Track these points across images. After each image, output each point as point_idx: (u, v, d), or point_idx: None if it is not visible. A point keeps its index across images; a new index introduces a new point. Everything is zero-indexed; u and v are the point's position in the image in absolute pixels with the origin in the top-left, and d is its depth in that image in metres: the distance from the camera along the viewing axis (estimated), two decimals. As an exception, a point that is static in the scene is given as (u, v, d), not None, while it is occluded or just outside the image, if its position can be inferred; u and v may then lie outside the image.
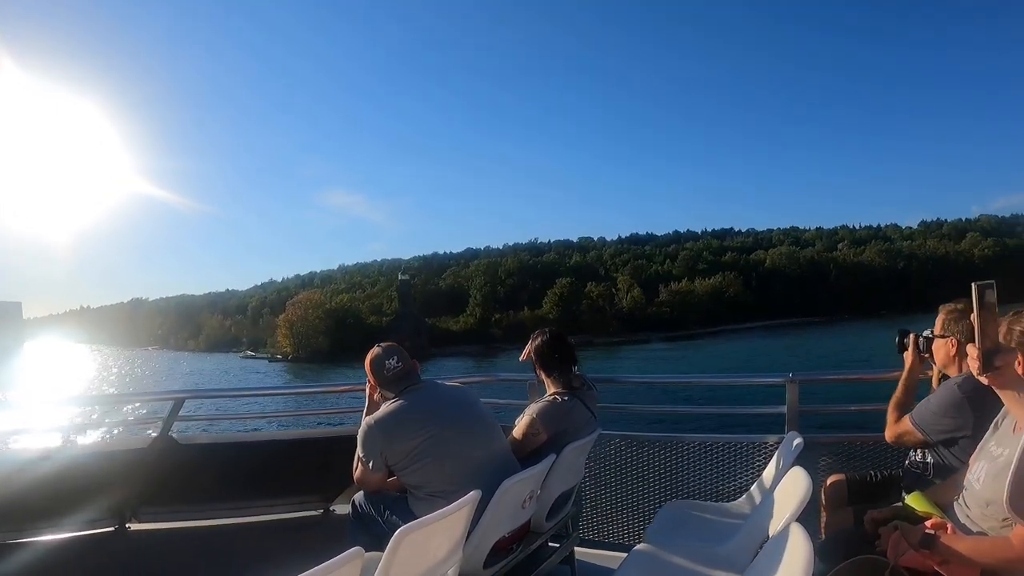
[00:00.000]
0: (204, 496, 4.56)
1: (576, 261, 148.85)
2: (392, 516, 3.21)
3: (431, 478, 3.16)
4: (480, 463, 3.21)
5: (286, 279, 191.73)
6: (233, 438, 5.14)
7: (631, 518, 4.67)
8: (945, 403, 2.90)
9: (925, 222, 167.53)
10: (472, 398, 3.53)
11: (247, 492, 4.66)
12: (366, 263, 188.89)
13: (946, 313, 3.17)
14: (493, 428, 3.45)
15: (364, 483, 3.34)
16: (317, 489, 4.81)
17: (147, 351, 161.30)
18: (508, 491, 2.94)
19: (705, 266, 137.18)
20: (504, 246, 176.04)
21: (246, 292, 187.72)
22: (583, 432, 3.68)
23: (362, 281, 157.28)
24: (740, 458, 4.31)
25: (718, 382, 7.05)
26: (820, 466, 4.08)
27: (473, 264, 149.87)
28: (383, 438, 3.17)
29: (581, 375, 3.92)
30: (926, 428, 2.98)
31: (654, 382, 7.21)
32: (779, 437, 4.02)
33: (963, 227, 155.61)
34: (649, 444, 4.60)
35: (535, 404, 3.72)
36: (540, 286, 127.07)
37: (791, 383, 4.17)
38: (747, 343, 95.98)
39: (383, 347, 3.45)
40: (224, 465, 4.53)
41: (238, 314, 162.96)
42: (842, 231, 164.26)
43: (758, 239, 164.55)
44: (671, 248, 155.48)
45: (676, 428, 5.42)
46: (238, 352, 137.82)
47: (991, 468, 2.21)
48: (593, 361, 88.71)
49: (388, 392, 3.38)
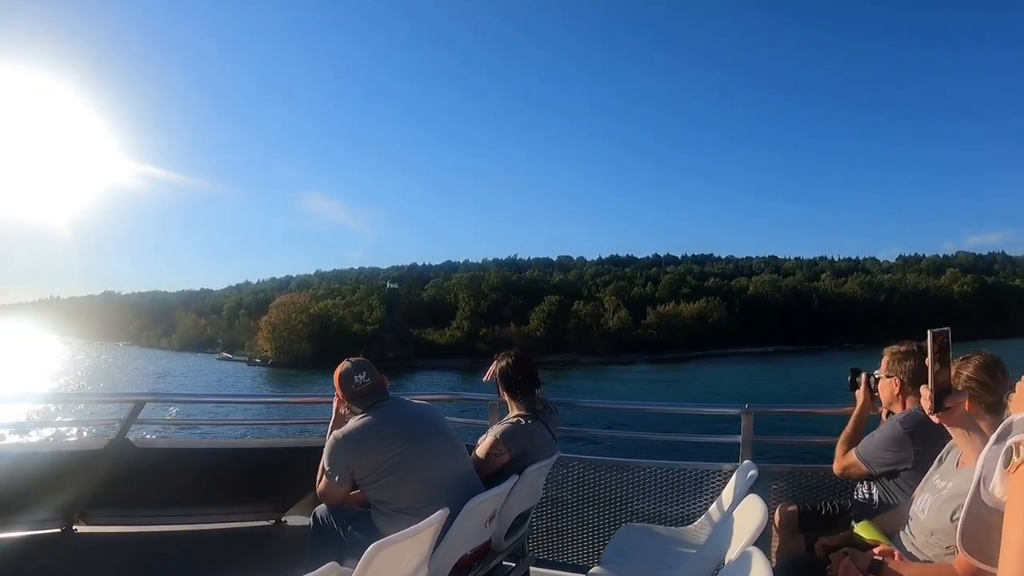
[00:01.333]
0: (155, 501, 4.50)
1: (560, 279, 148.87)
2: (355, 530, 3.22)
3: (397, 494, 3.21)
4: (445, 481, 3.26)
5: (262, 281, 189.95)
6: (190, 444, 5.09)
7: (587, 540, 4.71)
8: (888, 438, 3.13)
9: (903, 256, 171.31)
10: (438, 416, 3.58)
11: (199, 499, 4.60)
12: (343, 270, 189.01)
13: (891, 355, 3.39)
14: (458, 447, 3.51)
15: (327, 496, 3.35)
16: (271, 499, 4.78)
17: (118, 346, 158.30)
18: (474, 510, 3.02)
19: (689, 290, 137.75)
20: (484, 260, 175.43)
21: (221, 292, 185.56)
22: (544, 454, 3.75)
23: (341, 288, 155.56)
24: (696, 485, 4.42)
25: (676, 410, 7.25)
26: (772, 494, 4.20)
27: (455, 277, 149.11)
28: (351, 452, 3.21)
29: (543, 398, 3.98)
30: (870, 461, 3.19)
31: (613, 408, 7.51)
32: (734, 465, 4.15)
33: (941, 263, 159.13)
34: (607, 468, 4.67)
35: (499, 425, 3.78)
36: (524, 303, 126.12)
37: (746, 414, 4.32)
38: (732, 369, 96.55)
39: (352, 361, 3.48)
40: (179, 471, 4.48)
41: (212, 314, 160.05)
42: (822, 262, 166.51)
43: (739, 266, 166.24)
44: (652, 271, 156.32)
45: (634, 453, 5.43)
46: (212, 353, 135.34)
47: (935, 500, 2.41)
48: (580, 381, 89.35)
49: (356, 407, 3.38)
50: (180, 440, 5.46)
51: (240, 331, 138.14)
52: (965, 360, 2.47)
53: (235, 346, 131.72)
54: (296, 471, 3.89)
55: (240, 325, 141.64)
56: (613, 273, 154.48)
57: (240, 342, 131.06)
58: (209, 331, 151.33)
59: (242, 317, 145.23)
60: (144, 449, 4.39)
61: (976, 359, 2.48)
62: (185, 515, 4.60)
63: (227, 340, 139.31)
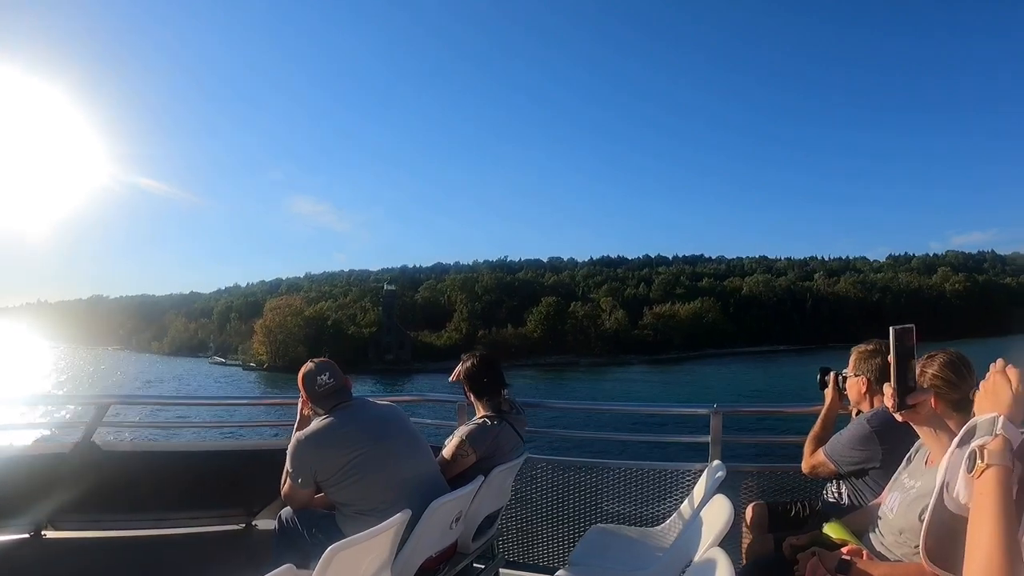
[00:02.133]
0: (124, 505, 4.39)
1: (554, 280, 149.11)
2: (319, 533, 3.16)
3: (360, 496, 3.16)
4: (409, 482, 3.22)
5: (251, 284, 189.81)
6: (158, 447, 5.00)
7: (556, 541, 4.68)
8: (855, 437, 3.10)
9: (893, 256, 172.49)
10: (402, 417, 3.53)
11: (169, 503, 4.51)
12: (333, 272, 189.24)
13: (858, 354, 3.36)
14: (422, 448, 3.47)
15: (291, 499, 3.31)
16: (240, 503, 4.67)
17: (107, 350, 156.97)
18: (436, 511, 2.99)
19: (683, 291, 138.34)
20: (474, 262, 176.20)
21: (210, 295, 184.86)
22: (511, 455, 3.74)
23: (332, 290, 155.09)
24: (665, 485, 4.39)
25: (646, 411, 7.34)
26: (742, 494, 4.19)
27: (448, 278, 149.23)
28: (313, 454, 3.16)
29: (510, 399, 3.94)
30: (838, 460, 3.17)
31: (583, 408, 7.33)
32: (703, 465, 4.13)
33: (931, 262, 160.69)
34: (575, 469, 4.63)
35: (465, 426, 3.74)
36: (518, 304, 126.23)
37: (715, 414, 4.29)
38: (728, 368, 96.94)
39: (316, 362, 3.44)
40: (147, 474, 4.40)
41: (203, 317, 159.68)
42: (813, 262, 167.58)
43: (731, 266, 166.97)
44: (644, 272, 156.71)
45: (603, 454, 5.46)
46: (205, 357, 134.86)
47: (904, 499, 2.39)
48: (580, 383, 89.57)
49: (319, 408, 3.35)
50: (147, 443, 5.30)
51: (232, 334, 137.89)
52: (930, 358, 2.48)
53: (227, 350, 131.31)
54: (266, 474, 3.78)
55: (232, 328, 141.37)
56: (605, 274, 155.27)
57: (233, 345, 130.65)
58: (200, 335, 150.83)
59: (233, 320, 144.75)
60: (111, 452, 4.32)
61: (941, 356, 2.47)
62: (155, 519, 4.51)
63: (219, 344, 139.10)
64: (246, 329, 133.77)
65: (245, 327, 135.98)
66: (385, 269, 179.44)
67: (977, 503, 1.42)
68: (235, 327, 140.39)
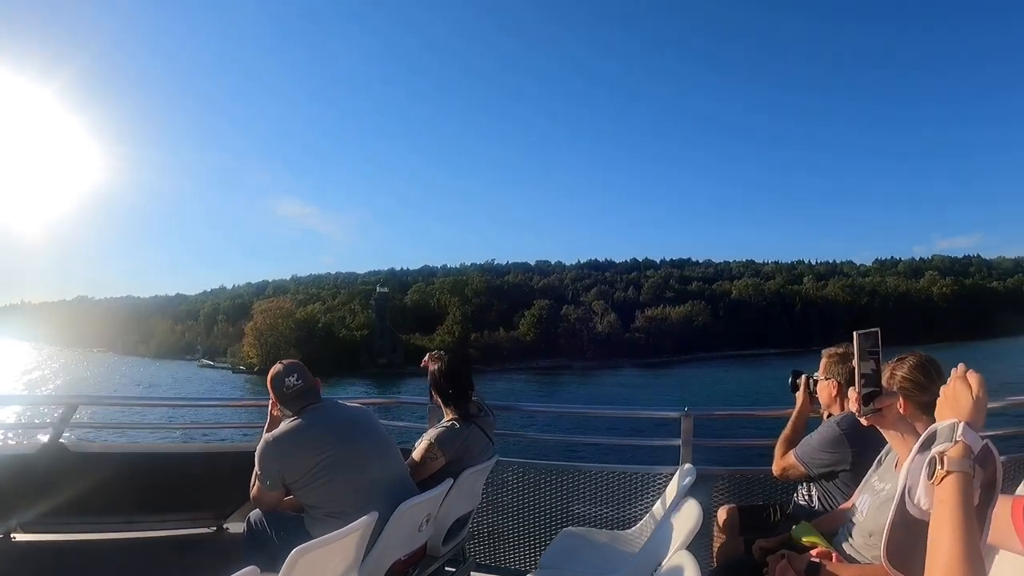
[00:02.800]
0: (94, 507, 4.34)
1: (544, 283, 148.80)
2: (288, 536, 3.11)
3: (328, 498, 3.16)
4: (378, 485, 3.22)
5: (238, 286, 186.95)
6: (127, 448, 4.95)
7: (527, 545, 4.67)
8: (825, 439, 3.14)
9: (879, 260, 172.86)
10: (371, 419, 3.54)
11: (139, 505, 4.48)
12: (320, 275, 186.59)
13: (828, 357, 3.40)
14: (392, 450, 3.47)
15: (260, 501, 3.30)
16: (211, 505, 4.64)
17: (92, 352, 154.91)
18: (405, 514, 3.01)
19: (673, 294, 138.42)
20: (461, 265, 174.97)
21: (196, 297, 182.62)
22: (481, 458, 3.76)
23: (320, 293, 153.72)
24: (635, 488, 4.38)
25: (616, 414, 7.54)
26: (713, 497, 4.20)
27: (437, 281, 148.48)
28: (281, 456, 3.15)
29: (478, 401, 3.95)
30: (808, 462, 3.20)
31: (554, 411, 7.41)
32: (673, 468, 4.10)
33: (918, 266, 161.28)
34: (546, 472, 4.63)
35: (433, 429, 3.75)
36: (508, 307, 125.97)
37: (686, 417, 4.31)
38: (717, 372, 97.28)
39: (284, 364, 3.43)
40: (116, 476, 4.34)
41: (189, 319, 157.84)
42: (801, 265, 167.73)
43: (718, 270, 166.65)
44: (632, 275, 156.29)
45: (574, 457, 5.50)
46: (192, 360, 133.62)
47: (874, 501, 2.44)
48: (570, 386, 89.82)
49: (288, 409, 3.35)
50: (117, 444, 5.23)
51: (219, 337, 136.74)
52: (900, 361, 2.51)
53: (216, 352, 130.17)
54: (236, 476, 3.75)
55: (219, 331, 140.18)
56: (594, 277, 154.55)
57: (221, 348, 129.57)
58: (187, 337, 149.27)
59: (221, 323, 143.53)
60: (80, 453, 4.29)
61: (911, 359, 2.50)
62: (125, 522, 4.46)
63: (207, 347, 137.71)
64: (234, 332, 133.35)
65: (232, 330, 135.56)
66: (373, 272, 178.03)
67: (937, 509, 1.43)
68: (222, 329, 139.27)
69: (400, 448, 3.63)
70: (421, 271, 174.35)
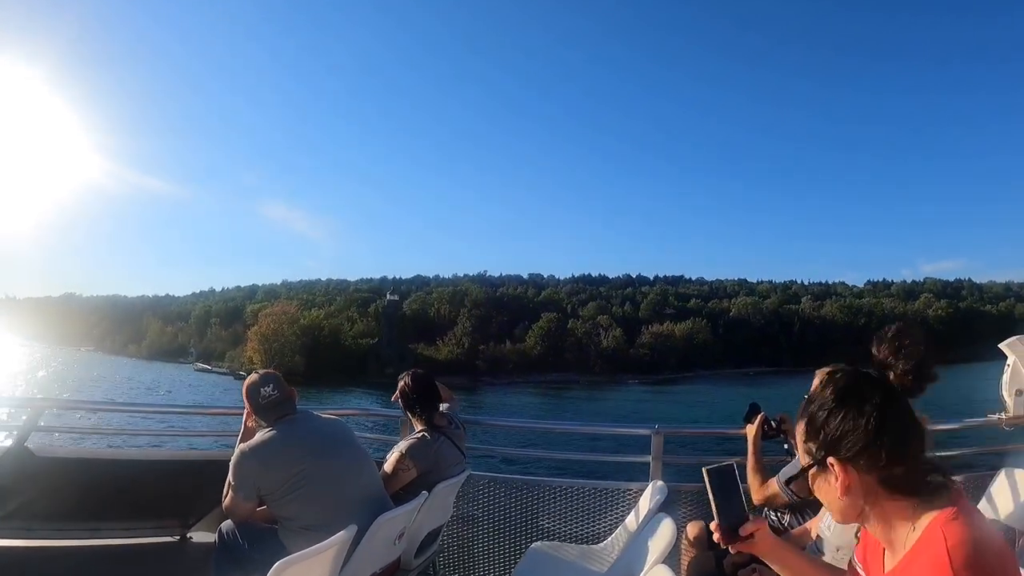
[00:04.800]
0: (58, 514, 4.28)
1: (545, 296, 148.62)
2: (261, 547, 3.14)
3: (303, 510, 3.16)
4: (353, 497, 3.24)
5: (227, 289, 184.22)
6: (94, 453, 4.85)
7: (497, 559, 4.70)
8: None
9: (872, 281, 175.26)
10: (346, 431, 3.55)
11: (104, 512, 4.43)
12: (311, 280, 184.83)
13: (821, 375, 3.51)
14: (367, 463, 3.49)
15: (233, 512, 3.28)
16: (176, 514, 4.64)
17: (79, 351, 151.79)
18: (382, 527, 3.04)
19: (672, 311, 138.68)
20: (455, 275, 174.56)
21: (186, 299, 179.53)
22: (453, 470, 3.83)
23: (313, 299, 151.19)
24: (606, 504, 4.45)
25: (588, 430, 7.49)
26: (682, 512, 4.25)
27: (436, 291, 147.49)
28: (256, 467, 3.15)
29: (447, 414, 4.07)
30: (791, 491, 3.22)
31: (524, 427, 7.34)
32: (643, 484, 4.17)
33: (911, 288, 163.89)
34: (518, 487, 4.67)
35: (404, 441, 3.83)
36: (508, 319, 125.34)
37: (656, 434, 4.40)
38: (719, 388, 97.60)
39: (260, 374, 3.45)
40: (82, 482, 4.25)
41: (179, 321, 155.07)
42: (795, 286, 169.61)
43: (712, 288, 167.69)
44: (627, 291, 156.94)
45: (545, 472, 5.50)
46: (185, 362, 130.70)
47: None
48: (576, 401, 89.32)
49: (262, 420, 3.34)
50: (83, 449, 5.13)
51: (214, 340, 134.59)
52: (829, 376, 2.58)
53: (211, 356, 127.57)
54: (202, 485, 3.81)
55: (213, 334, 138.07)
56: (589, 292, 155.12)
57: (216, 352, 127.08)
58: (180, 339, 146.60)
59: (214, 326, 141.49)
60: (45, 458, 4.19)
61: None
62: (89, 529, 4.43)
63: (201, 349, 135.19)
64: (227, 335, 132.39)
65: (226, 333, 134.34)
66: (364, 279, 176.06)
67: None
68: (216, 333, 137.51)
69: (376, 461, 3.69)
70: (415, 280, 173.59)
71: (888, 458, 1.48)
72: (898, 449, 1.48)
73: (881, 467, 1.49)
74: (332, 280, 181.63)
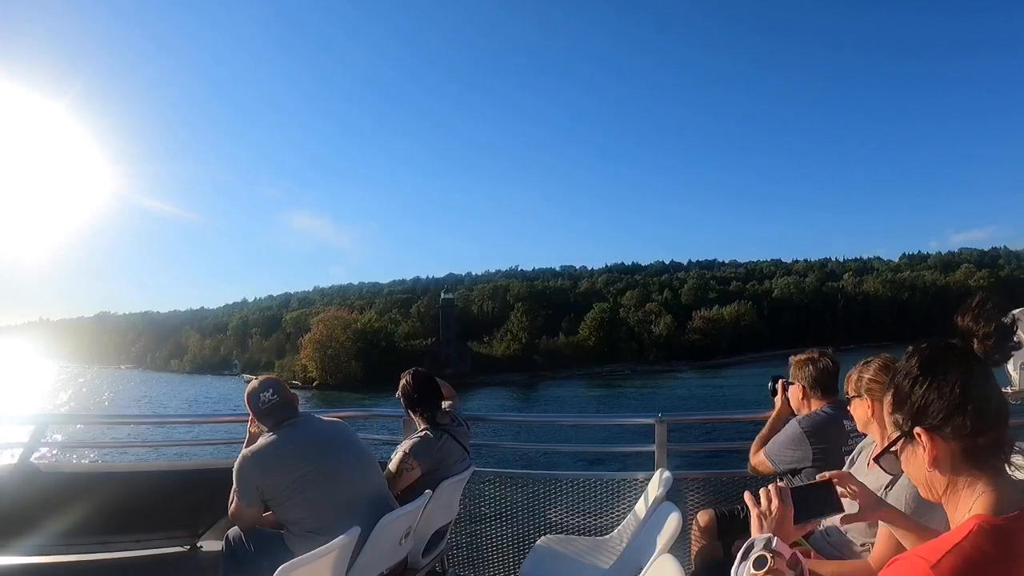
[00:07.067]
0: (66, 529, 4.23)
1: (586, 287, 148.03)
2: (268, 553, 3.13)
3: (308, 514, 3.15)
4: (357, 499, 3.23)
5: (259, 299, 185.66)
6: (99, 467, 4.91)
7: (506, 554, 4.68)
8: (788, 437, 3.35)
9: (907, 255, 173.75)
10: (349, 433, 3.54)
11: (112, 526, 4.42)
12: (343, 285, 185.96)
13: (794, 363, 3.61)
14: (370, 463, 3.47)
15: (239, 518, 3.28)
16: (185, 524, 4.65)
17: (120, 369, 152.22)
18: (387, 527, 3.03)
19: (715, 295, 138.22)
20: (486, 272, 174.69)
21: (219, 310, 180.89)
22: (457, 468, 3.79)
23: (354, 303, 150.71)
24: (613, 494, 4.40)
25: (590, 422, 7.55)
26: (689, 501, 4.27)
27: (476, 288, 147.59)
28: (258, 472, 3.15)
29: (450, 412, 4.02)
30: (774, 459, 3.40)
31: (526, 421, 7.39)
32: (649, 473, 4.11)
33: (947, 259, 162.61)
34: (523, 481, 4.65)
35: (408, 440, 3.79)
36: (552, 312, 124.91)
37: (660, 423, 4.34)
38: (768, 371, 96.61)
39: (260, 379, 3.44)
40: (89, 496, 4.24)
41: (217, 333, 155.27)
42: (831, 263, 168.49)
43: (748, 270, 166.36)
44: (664, 277, 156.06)
45: (549, 466, 5.48)
46: (230, 374, 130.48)
47: (849, 499, 2.53)
48: (632, 390, 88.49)
49: (264, 425, 3.35)
50: (89, 464, 5.22)
51: (256, 350, 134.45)
52: (866, 364, 2.68)
53: (255, 366, 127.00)
54: (211, 493, 3.81)
55: (255, 344, 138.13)
56: (626, 280, 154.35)
57: (261, 362, 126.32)
58: (222, 351, 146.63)
59: (255, 336, 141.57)
60: (51, 474, 4.23)
61: (876, 362, 2.67)
62: (98, 543, 4.44)
63: (245, 360, 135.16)
64: (270, 344, 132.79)
65: (268, 342, 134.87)
66: (397, 280, 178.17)
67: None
68: (258, 343, 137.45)
69: (380, 462, 3.67)
70: (448, 278, 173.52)
71: (973, 426, 1.41)
72: (982, 417, 1.41)
73: (966, 435, 1.42)
74: (364, 284, 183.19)
